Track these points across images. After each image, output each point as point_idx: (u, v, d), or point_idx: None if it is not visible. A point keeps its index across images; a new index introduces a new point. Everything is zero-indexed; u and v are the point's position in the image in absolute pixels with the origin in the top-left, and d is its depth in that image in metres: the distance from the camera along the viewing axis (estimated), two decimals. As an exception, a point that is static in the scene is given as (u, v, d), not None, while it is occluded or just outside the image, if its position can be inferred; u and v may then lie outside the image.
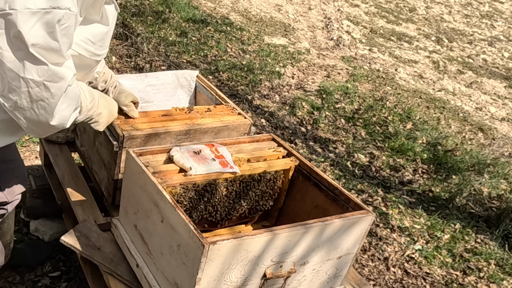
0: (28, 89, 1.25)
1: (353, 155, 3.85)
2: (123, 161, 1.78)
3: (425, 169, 3.84)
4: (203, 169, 1.65)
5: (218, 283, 1.42)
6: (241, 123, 2.03)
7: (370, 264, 2.82)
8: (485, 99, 5.63)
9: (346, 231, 1.59)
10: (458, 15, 9.14)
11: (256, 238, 1.40)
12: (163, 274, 1.53)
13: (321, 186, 1.77)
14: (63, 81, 1.30)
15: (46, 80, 1.26)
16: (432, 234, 3.14)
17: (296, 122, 4.19)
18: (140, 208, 1.62)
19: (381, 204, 3.33)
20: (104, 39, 1.54)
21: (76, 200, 2.04)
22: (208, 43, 5.27)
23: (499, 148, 4.43)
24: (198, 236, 1.32)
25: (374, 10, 8.43)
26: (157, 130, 1.86)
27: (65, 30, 1.24)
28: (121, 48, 4.64)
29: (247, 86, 4.59)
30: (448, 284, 2.79)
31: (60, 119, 1.38)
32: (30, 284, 2.23)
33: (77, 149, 2.31)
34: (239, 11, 6.76)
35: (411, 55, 6.66)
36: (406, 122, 4.49)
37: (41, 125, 1.37)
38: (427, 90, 5.55)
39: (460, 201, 3.50)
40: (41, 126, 1.38)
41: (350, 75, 5.43)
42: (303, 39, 6.36)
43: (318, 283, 1.67)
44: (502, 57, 7.39)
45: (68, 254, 2.39)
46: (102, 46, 1.55)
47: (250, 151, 1.87)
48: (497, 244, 3.15)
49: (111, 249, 1.78)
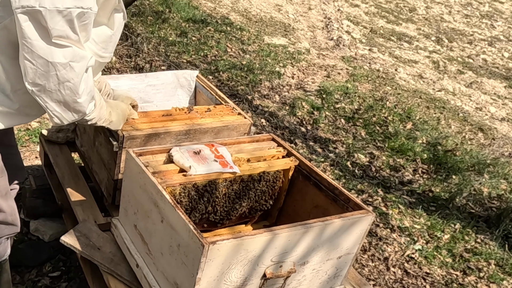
0: (56, 72, 1.39)
1: (353, 155, 3.85)
2: (123, 161, 1.78)
3: (425, 169, 3.84)
4: (203, 169, 1.65)
5: (218, 283, 1.42)
6: (241, 123, 2.03)
7: (370, 264, 2.82)
8: (485, 99, 5.63)
9: (346, 231, 1.59)
10: (458, 15, 9.15)
11: (256, 238, 1.40)
12: (163, 274, 1.53)
13: (321, 186, 1.77)
14: (84, 60, 1.45)
15: (71, 60, 1.40)
16: (432, 234, 3.14)
17: (296, 122, 4.19)
18: (140, 208, 1.62)
19: (381, 204, 3.33)
20: (107, 42, 1.61)
21: (76, 200, 2.04)
22: (208, 43, 5.27)
23: (499, 148, 4.43)
24: (198, 236, 1.32)
25: (374, 10, 8.43)
26: (157, 130, 1.86)
27: (84, 26, 1.40)
28: (121, 48, 4.64)
29: (247, 86, 4.59)
30: (448, 284, 2.79)
31: (85, 97, 1.51)
32: (30, 284, 2.23)
33: (77, 149, 2.31)
34: (239, 11, 6.76)
35: (411, 55, 6.66)
36: (406, 122, 4.49)
37: (67, 106, 1.50)
38: (427, 90, 5.55)
39: (460, 201, 3.50)
40: (67, 107, 1.50)
41: (350, 75, 5.43)
42: (303, 39, 6.36)
43: (318, 283, 1.67)
44: (502, 57, 7.39)
45: (68, 254, 2.39)
46: (104, 48, 1.61)
47: (250, 151, 1.87)
48: (497, 244, 3.15)
49: (111, 249, 1.78)
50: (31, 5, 1.29)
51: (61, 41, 1.37)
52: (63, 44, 1.37)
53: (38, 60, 1.37)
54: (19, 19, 1.31)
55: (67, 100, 1.48)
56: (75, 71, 1.43)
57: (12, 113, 1.54)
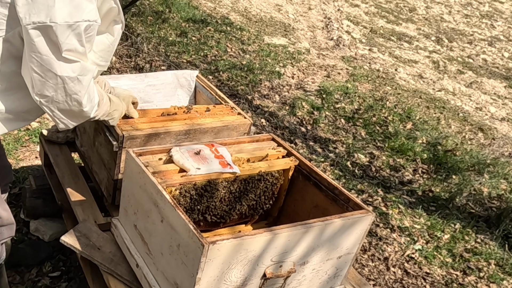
0: (64, 85, 1.47)
1: (353, 155, 3.85)
2: (123, 161, 1.78)
3: (425, 169, 3.84)
4: (203, 169, 1.65)
5: (218, 283, 1.42)
6: (241, 123, 2.03)
7: (370, 264, 2.82)
8: (485, 99, 5.63)
9: (346, 231, 1.59)
10: (458, 15, 9.14)
11: (256, 238, 1.40)
12: (163, 274, 1.53)
13: (321, 186, 1.77)
14: (90, 73, 1.53)
15: (79, 74, 1.48)
16: (432, 234, 3.14)
17: (296, 122, 4.19)
18: (140, 208, 1.62)
19: (381, 204, 3.33)
20: (106, 51, 1.66)
21: (76, 200, 2.04)
22: (208, 43, 5.27)
23: (499, 148, 4.43)
24: (197, 236, 1.32)
25: (374, 10, 8.44)
26: (157, 130, 1.86)
27: (89, 37, 1.47)
28: (121, 48, 4.64)
29: (247, 86, 4.59)
30: (448, 284, 2.79)
31: (89, 105, 1.59)
32: (30, 284, 2.23)
33: (77, 149, 2.31)
34: (239, 11, 6.76)
35: (411, 55, 6.66)
36: (406, 122, 4.49)
37: (73, 114, 1.59)
38: (427, 90, 5.55)
39: (460, 201, 3.50)
40: (73, 114, 1.59)
41: (350, 75, 5.43)
42: (303, 39, 6.36)
43: (318, 283, 1.67)
44: (502, 57, 7.39)
45: (68, 254, 2.39)
46: (102, 57, 1.66)
47: (250, 151, 1.87)
48: (497, 244, 3.15)
49: (111, 249, 1.78)
50: (42, 21, 1.34)
51: (70, 55, 1.44)
52: (72, 59, 1.45)
53: (47, 74, 1.43)
54: (31, 34, 1.36)
55: (73, 110, 1.56)
56: (83, 84, 1.51)
57: (10, 119, 1.57)
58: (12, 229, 1.86)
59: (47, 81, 1.45)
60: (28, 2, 1.34)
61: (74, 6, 1.38)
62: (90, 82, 1.55)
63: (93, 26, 1.45)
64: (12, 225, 1.84)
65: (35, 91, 1.47)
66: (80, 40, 1.43)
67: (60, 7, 1.35)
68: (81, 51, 1.46)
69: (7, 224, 1.82)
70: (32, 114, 1.63)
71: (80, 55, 1.47)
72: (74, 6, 1.38)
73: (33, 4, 1.34)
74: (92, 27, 1.45)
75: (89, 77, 1.53)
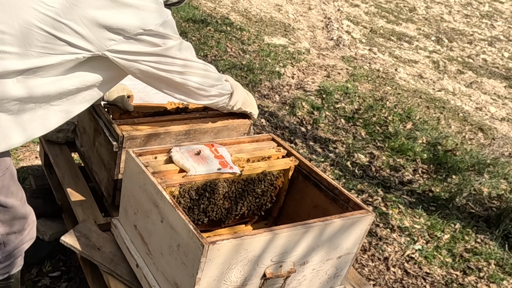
0: (207, 73, 1.70)
1: (353, 155, 3.85)
2: (123, 162, 1.78)
3: (425, 169, 3.84)
4: (203, 169, 1.65)
5: (218, 283, 1.42)
6: (241, 123, 2.03)
7: (370, 264, 2.82)
8: (485, 99, 5.63)
9: (346, 231, 1.59)
10: (458, 15, 9.15)
11: (256, 238, 1.40)
12: (163, 274, 1.53)
13: (321, 186, 1.77)
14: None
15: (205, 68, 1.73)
16: (432, 234, 3.14)
17: (296, 122, 4.19)
18: (140, 208, 1.62)
19: (381, 204, 3.33)
20: None
21: (76, 200, 2.04)
22: (208, 43, 5.27)
23: (499, 148, 4.43)
24: (197, 236, 1.32)
25: (374, 10, 8.44)
26: (157, 130, 1.86)
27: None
28: (121, 48, 4.64)
29: (247, 86, 4.59)
30: (448, 284, 2.79)
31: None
32: (30, 284, 2.23)
33: (77, 149, 2.31)
34: (239, 11, 6.76)
35: (411, 55, 6.66)
36: (406, 122, 4.49)
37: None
38: (427, 90, 5.55)
39: (460, 201, 3.50)
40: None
41: (350, 75, 5.43)
42: (303, 39, 6.36)
43: (318, 283, 1.67)
44: (502, 57, 7.39)
45: (68, 254, 2.39)
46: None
47: (250, 151, 1.87)
48: (497, 244, 3.15)
49: (111, 249, 1.78)
50: (177, 36, 1.56)
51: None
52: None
53: (199, 71, 1.67)
54: (172, 52, 1.55)
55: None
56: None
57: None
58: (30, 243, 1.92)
59: (202, 77, 1.68)
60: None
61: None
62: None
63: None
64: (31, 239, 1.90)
65: (202, 92, 1.72)
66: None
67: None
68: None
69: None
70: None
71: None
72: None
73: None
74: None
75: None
